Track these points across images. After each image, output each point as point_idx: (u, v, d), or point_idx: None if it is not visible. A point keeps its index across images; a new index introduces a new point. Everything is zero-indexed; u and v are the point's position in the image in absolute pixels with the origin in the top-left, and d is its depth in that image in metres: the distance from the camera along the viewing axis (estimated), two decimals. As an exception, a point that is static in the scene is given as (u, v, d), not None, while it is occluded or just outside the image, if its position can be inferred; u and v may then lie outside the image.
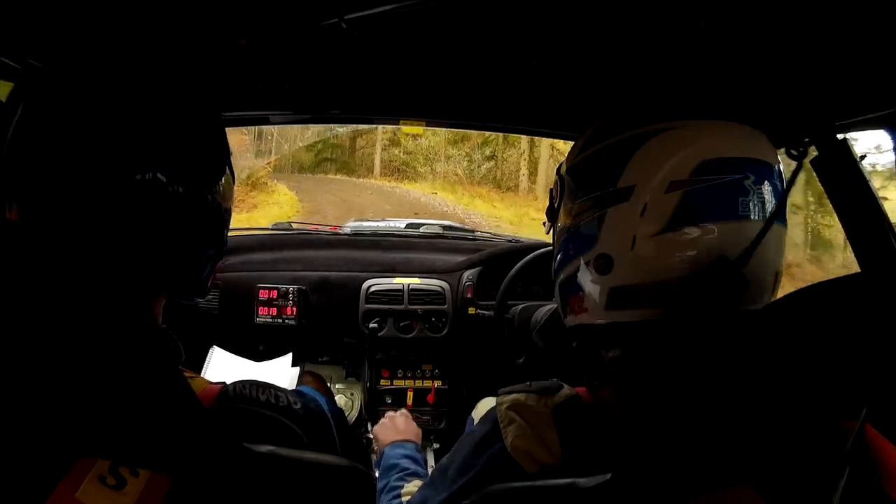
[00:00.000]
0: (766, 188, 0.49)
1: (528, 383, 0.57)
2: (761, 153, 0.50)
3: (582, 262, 0.55)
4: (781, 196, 0.51)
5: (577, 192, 0.56)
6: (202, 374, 1.07)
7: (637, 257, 0.50)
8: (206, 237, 0.52)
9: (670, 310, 0.50)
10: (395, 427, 1.01)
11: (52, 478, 0.35)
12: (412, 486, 0.76)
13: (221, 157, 0.52)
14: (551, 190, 0.63)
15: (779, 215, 0.50)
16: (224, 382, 0.50)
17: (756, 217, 0.49)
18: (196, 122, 0.50)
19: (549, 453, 0.50)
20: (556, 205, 0.61)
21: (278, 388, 0.51)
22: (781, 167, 0.52)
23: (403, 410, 1.10)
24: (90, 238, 0.43)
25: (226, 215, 0.55)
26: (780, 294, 0.51)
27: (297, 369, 1.17)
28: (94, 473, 0.35)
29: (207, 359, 1.14)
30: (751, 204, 0.48)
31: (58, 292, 0.39)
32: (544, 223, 0.66)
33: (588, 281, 0.55)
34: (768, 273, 0.51)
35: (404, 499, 0.74)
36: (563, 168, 0.60)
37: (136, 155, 0.44)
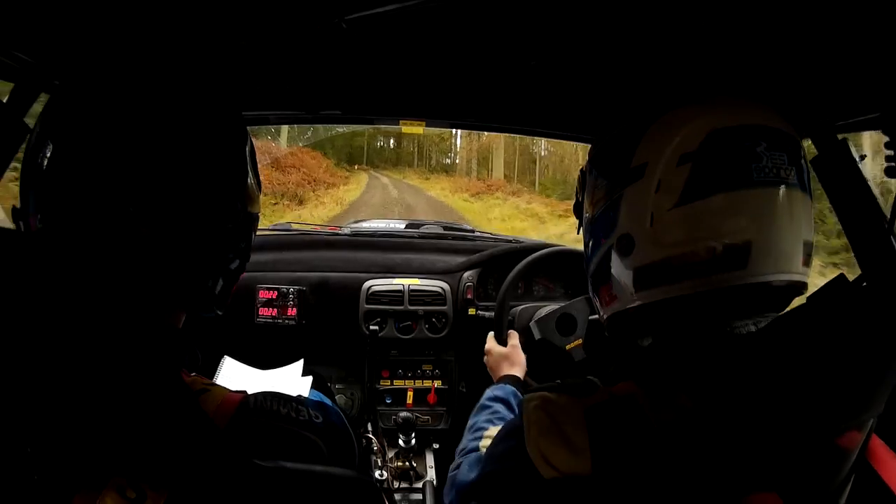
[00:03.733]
0: (781, 154, 0.48)
1: (557, 381, 0.55)
2: (774, 122, 0.50)
3: (606, 248, 0.55)
4: (800, 165, 0.50)
5: (595, 181, 0.57)
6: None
7: (656, 233, 0.50)
8: (229, 246, 0.51)
9: (695, 283, 0.49)
10: (510, 358, 1.02)
11: (69, 490, 0.35)
12: (496, 429, 0.76)
13: (244, 162, 0.52)
14: (577, 186, 0.65)
15: (799, 182, 0.49)
16: (245, 392, 0.48)
17: (774, 183, 0.48)
18: (218, 126, 0.49)
19: (577, 460, 0.45)
20: (580, 199, 0.62)
21: (300, 400, 0.50)
22: (800, 140, 0.51)
23: (514, 334, 1.10)
24: (109, 250, 0.43)
25: (251, 222, 0.54)
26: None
27: (309, 378, 1.17)
28: (111, 487, 0.35)
29: (218, 369, 1.14)
30: (766, 170, 0.47)
31: (74, 305, 0.38)
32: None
33: (614, 266, 0.55)
34: (795, 242, 0.49)
35: (482, 442, 0.74)
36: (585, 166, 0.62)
37: (158, 161, 0.44)
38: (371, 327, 1.37)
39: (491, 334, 1.11)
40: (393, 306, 1.42)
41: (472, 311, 1.43)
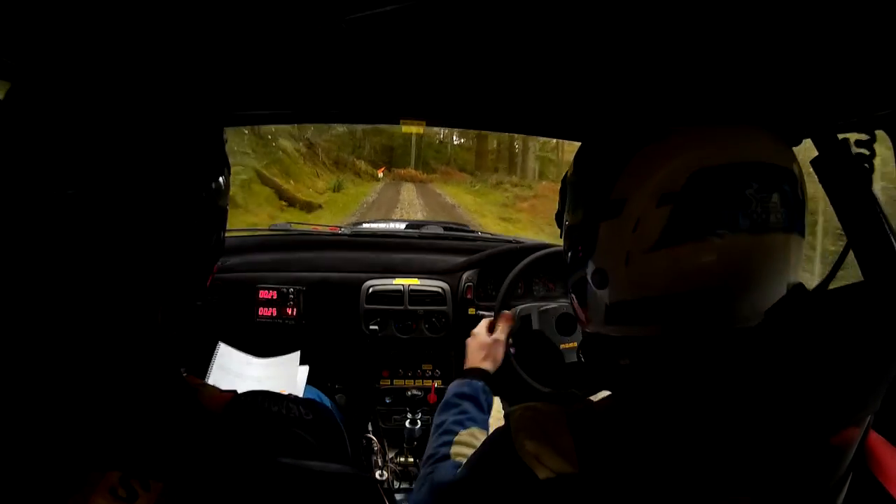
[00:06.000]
0: (774, 195, 0.45)
1: (546, 391, 0.57)
2: (768, 156, 0.46)
3: (581, 275, 0.54)
4: (794, 203, 0.46)
5: (575, 202, 0.55)
6: (208, 371, 1.07)
7: (631, 274, 0.48)
8: (200, 238, 0.50)
9: (670, 326, 0.48)
10: (486, 350, 0.99)
11: (63, 491, 0.34)
12: (467, 433, 0.74)
13: (218, 156, 0.51)
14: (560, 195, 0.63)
15: (790, 223, 0.46)
16: (235, 391, 0.48)
17: (761, 230, 0.45)
18: (190, 118, 0.48)
19: (564, 460, 0.46)
20: (561, 208, 0.61)
21: (289, 398, 0.50)
22: (799, 170, 0.48)
23: (504, 326, 1.07)
24: (78, 242, 0.41)
25: (222, 214, 0.53)
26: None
27: (305, 368, 1.17)
28: (104, 485, 0.35)
29: (214, 356, 1.14)
30: (753, 215, 0.44)
31: (52, 299, 0.38)
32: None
33: (589, 293, 0.54)
34: (777, 287, 0.47)
35: (454, 449, 0.73)
36: (569, 174, 0.60)
37: (121, 149, 0.42)
38: (371, 327, 1.37)
39: (486, 321, 1.09)
40: (393, 306, 1.42)
41: (472, 311, 1.43)
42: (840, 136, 0.76)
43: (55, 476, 0.35)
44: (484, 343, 1.01)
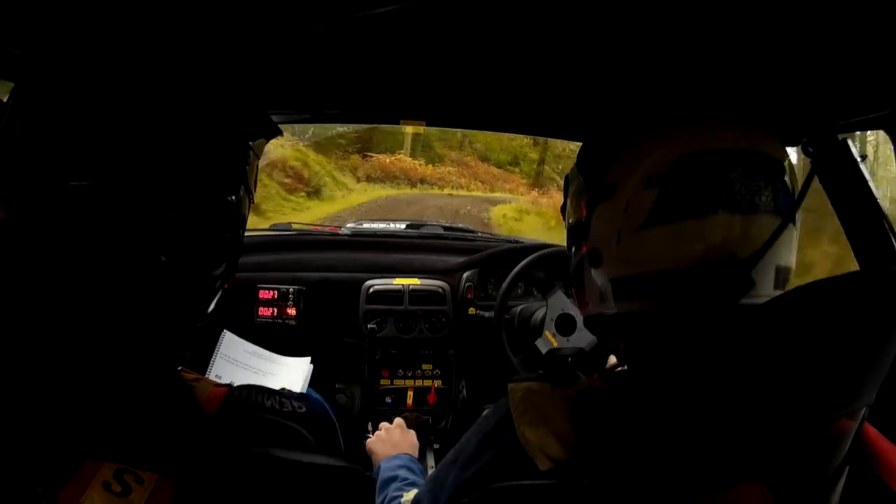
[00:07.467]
0: (758, 179, 0.47)
1: (540, 372, 0.56)
2: (754, 144, 0.49)
3: (580, 256, 0.57)
4: (783, 190, 0.48)
5: (577, 190, 0.59)
6: (212, 360, 1.07)
7: (622, 252, 0.51)
8: (216, 254, 0.50)
9: (659, 303, 0.50)
10: (391, 440, 1.01)
11: (57, 483, 0.35)
12: (412, 493, 0.74)
13: (240, 165, 0.51)
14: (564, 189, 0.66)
15: (777, 207, 0.48)
16: (230, 384, 0.49)
17: (745, 211, 0.47)
18: (212, 122, 0.48)
19: (562, 448, 0.48)
20: (565, 202, 0.63)
21: (283, 393, 0.51)
22: (789, 162, 0.50)
23: (399, 420, 1.10)
24: (88, 239, 0.41)
25: (239, 227, 0.54)
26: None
27: (310, 367, 1.16)
28: (98, 479, 0.35)
29: (218, 344, 1.13)
30: (737, 196, 0.47)
31: (50, 293, 0.38)
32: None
33: (586, 275, 0.56)
34: (764, 269, 0.48)
35: (404, 497, 0.74)
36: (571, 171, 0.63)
37: (136, 150, 0.42)
38: (370, 327, 1.37)
39: (399, 422, 1.10)
40: (393, 306, 1.42)
41: (471, 311, 1.44)
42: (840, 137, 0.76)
43: (48, 465, 0.35)
44: (396, 436, 1.04)
